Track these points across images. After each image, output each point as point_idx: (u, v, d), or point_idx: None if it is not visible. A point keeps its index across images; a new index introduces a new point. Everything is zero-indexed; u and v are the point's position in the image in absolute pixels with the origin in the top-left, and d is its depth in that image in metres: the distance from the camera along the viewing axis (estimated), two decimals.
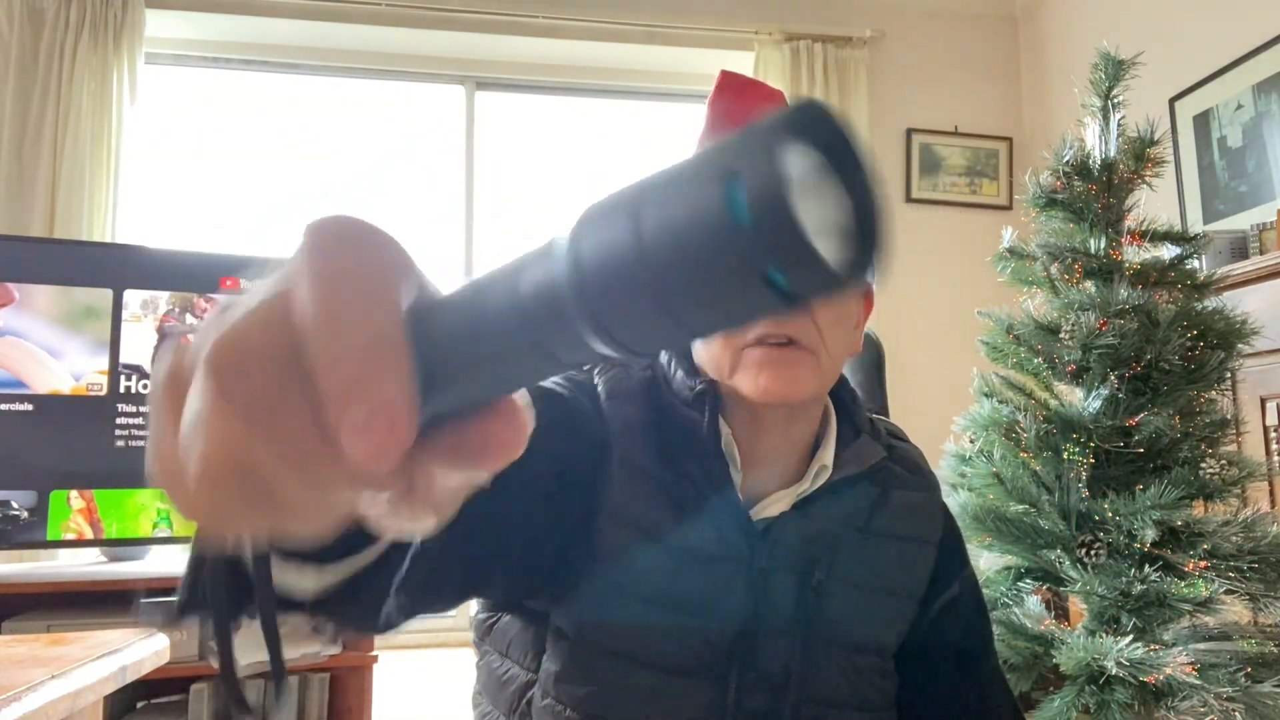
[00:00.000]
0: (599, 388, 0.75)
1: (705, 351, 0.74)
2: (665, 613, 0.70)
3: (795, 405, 0.73)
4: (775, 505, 0.74)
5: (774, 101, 0.85)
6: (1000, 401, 1.72)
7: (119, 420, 2.05)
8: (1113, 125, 1.76)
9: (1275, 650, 1.48)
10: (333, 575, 0.36)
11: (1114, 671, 1.36)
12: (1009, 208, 3.46)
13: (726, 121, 0.82)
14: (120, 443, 2.04)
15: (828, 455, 0.76)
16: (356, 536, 0.34)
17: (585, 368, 0.78)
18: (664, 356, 0.79)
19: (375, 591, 0.39)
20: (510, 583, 0.70)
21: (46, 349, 2.02)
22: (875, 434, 0.82)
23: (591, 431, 0.71)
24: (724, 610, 0.71)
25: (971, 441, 1.76)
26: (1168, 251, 1.74)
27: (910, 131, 3.48)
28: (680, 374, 0.76)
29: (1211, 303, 1.69)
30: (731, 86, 0.84)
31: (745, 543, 0.72)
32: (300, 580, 0.35)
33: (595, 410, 0.73)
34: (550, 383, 0.74)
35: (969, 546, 1.67)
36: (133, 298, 2.10)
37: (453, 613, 2.74)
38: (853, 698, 0.75)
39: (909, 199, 3.47)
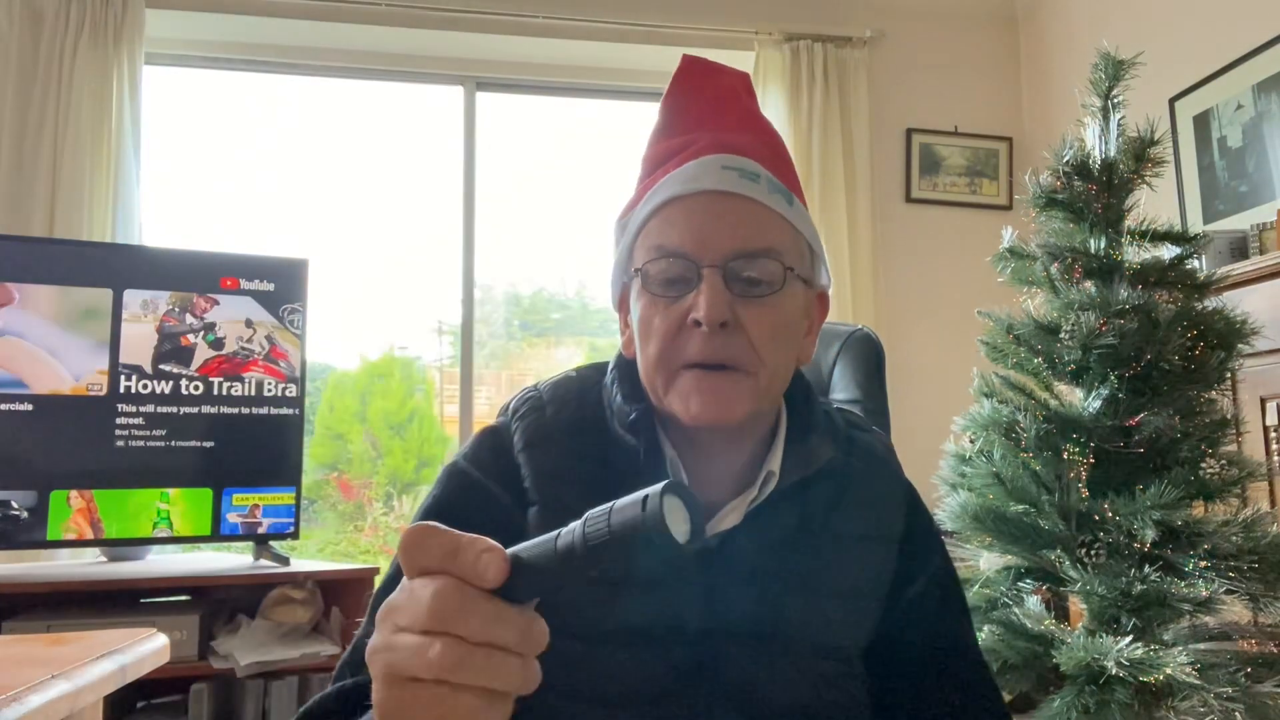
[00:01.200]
0: (515, 437, 0.75)
1: (643, 373, 0.72)
2: (621, 645, 0.68)
3: (730, 428, 0.70)
4: (729, 516, 0.72)
5: (728, 89, 0.80)
6: (1000, 401, 1.72)
7: (119, 420, 2.05)
8: (1113, 125, 1.76)
9: (1275, 650, 1.48)
10: None
11: (1114, 671, 1.36)
12: (1009, 208, 3.46)
13: (677, 120, 0.78)
14: (120, 443, 2.04)
15: (775, 461, 0.73)
16: None
17: (504, 415, 0.79)
18: (608, 378, 0.77)
19: None
20: None
21: (46, 349, 2.02)
22: (831, 429, 0.79)
23: (495, 514, 0.72)
24: (683, 633, 0.69)
25: (971, 441, 1.76)
26: (1168, 251, 1.74)
27: (910, 131, 3.48)
28: (620, 399, 0.74)
29: (1211, 303, 1.69)
30: (692, 73, 0.80)
31: (698, 561, 0.70)
32: None
33: (505, 469, 0.73)
34: (447, 474, 0.76)
35: (969, 546, 1.68)
36: (133, 298, 2.10)
37: None
38: (823, 706, 0.73)
39: (909, 199, 3.47)
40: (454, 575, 0.40)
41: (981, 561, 1.72)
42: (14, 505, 1.95)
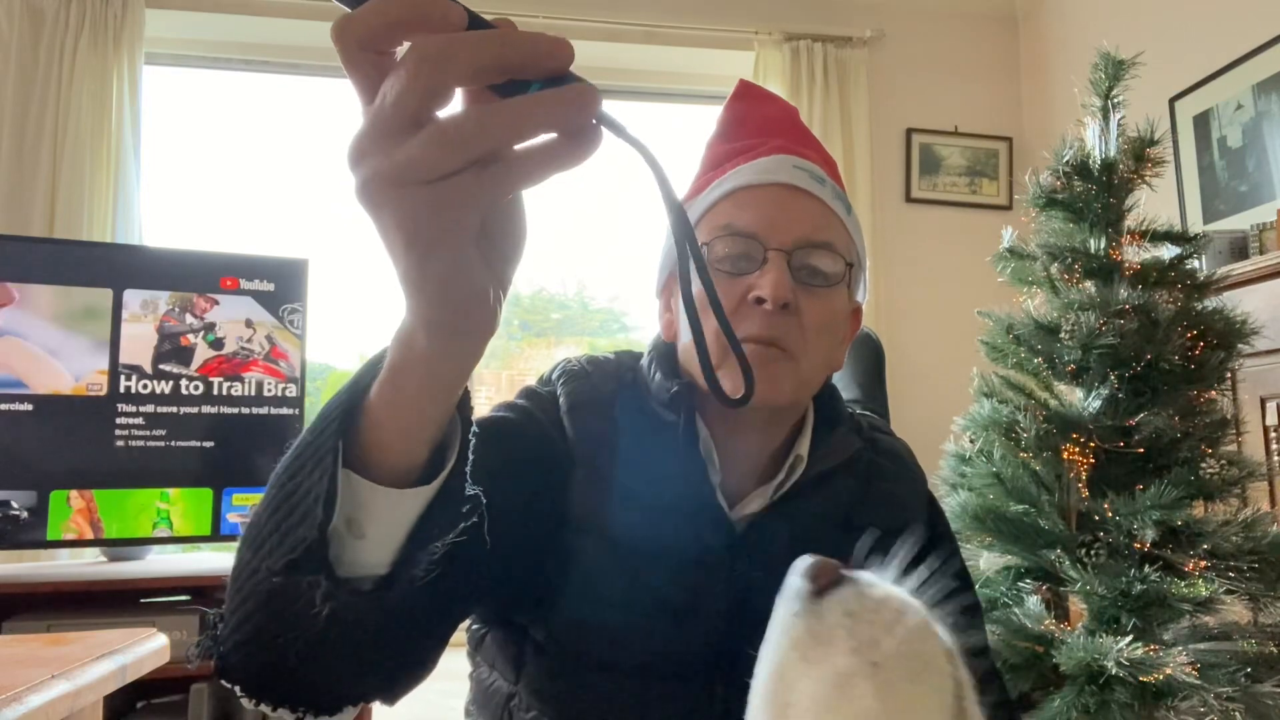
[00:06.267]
0: (560, 400, 0.75)
1: (689, 349, 0.74)
2: (644, 619, 0.70)
3: (773, 409, 0.73)
4: (754, 502, 0.74)
5: (787, 112, 0.84)
6: (1000, 401, 1.72)
7: (119, 420, 2.05)
8: (1113, 125, 1.76)
9: (1275, 650, 1.48)
10: (417, 499, 0.46)
11: (1114, 671, 1.35)
12: (1009, 208, 3.46)
13: (739, 129, 0.82)
14: (120, 443, 2.04)
15: (803, 447, 0.76)
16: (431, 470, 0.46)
17: (544, 383, 0.79)
18: (645, 359, 0.79)
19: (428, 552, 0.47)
20: (487, 608, 0.72)
21: (46, 349, 2.02)
22: (855, 427, 0.82)
23: (547, 452, 0.72)
24: (705, 613, 0.71)
25: (971, 441, 1.76)
26: (1168, 251, 1.74)
27: (910, 131, 3.48)
28: (659, 376, 0.76)
29: (1211, 303, 1.69)
30: (749, 96, 0.84)
31: (724, 544, 0.72)
32: (393, 513, 0.46)
33: (554, 425, 0.74)
34: (508, 405, 0.76)
35: (969, 546, 1.68)
36: (133, 298, 2.09)
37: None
38: None
39: (909, 199, 3.47)
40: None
41: (981, 561, 1.72)
42: (14, 505, 1.95)
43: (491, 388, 3.48)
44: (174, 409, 2.09)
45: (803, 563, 0.47)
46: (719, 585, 0.71)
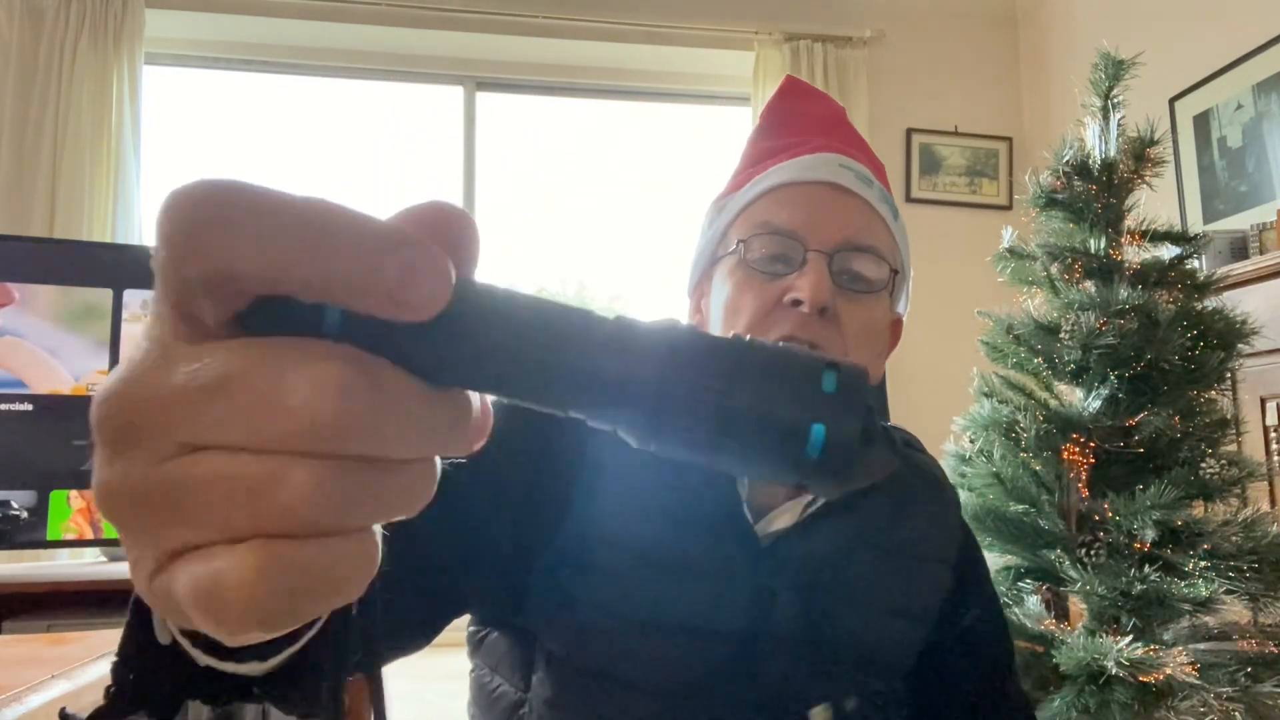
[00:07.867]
0: None
1: None
2: (662, 634, 0.66)
3: None
4: (782, 518, 0.71)
5: (835, 112, 0.81)
6: (1000, 401, 1.72)
7: None
8: (1113, 125, 1.76)
9: (1275, 650, 1.48)
10: (274, 662, 0.34)
11: (1114, 671, 1.35)
12: (1009, 208, 3.47)
13: (782, 126, 0.79)
14: None
15: None
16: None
17: None
18: None
19: (321, 665, 0.36)
20: (485, 605, 0.69)
21: (46, 349, 2.02)
22: (890, 444, 0.77)
23: (558, 445, 0.67)
24: (725, 630, 0.67)
25: (971, 441, 1.76)
26: (1168, 251, 1.74)
27: (910, 131, 3.48)
28: None
29: (1211, 303, 1.69)
30: (795, 93, 0.81)
31: (748, 560, 0.69)
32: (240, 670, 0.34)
33: (567, 426, 0.70)
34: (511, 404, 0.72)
35: None
36: (133, 298, 2.09)
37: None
38: None
39: (909, 199, 3.47)
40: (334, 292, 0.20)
41: None
42: (14, 505, 1.95)
43: None
44: None
45: None
46: (741, 600, 0.68)
